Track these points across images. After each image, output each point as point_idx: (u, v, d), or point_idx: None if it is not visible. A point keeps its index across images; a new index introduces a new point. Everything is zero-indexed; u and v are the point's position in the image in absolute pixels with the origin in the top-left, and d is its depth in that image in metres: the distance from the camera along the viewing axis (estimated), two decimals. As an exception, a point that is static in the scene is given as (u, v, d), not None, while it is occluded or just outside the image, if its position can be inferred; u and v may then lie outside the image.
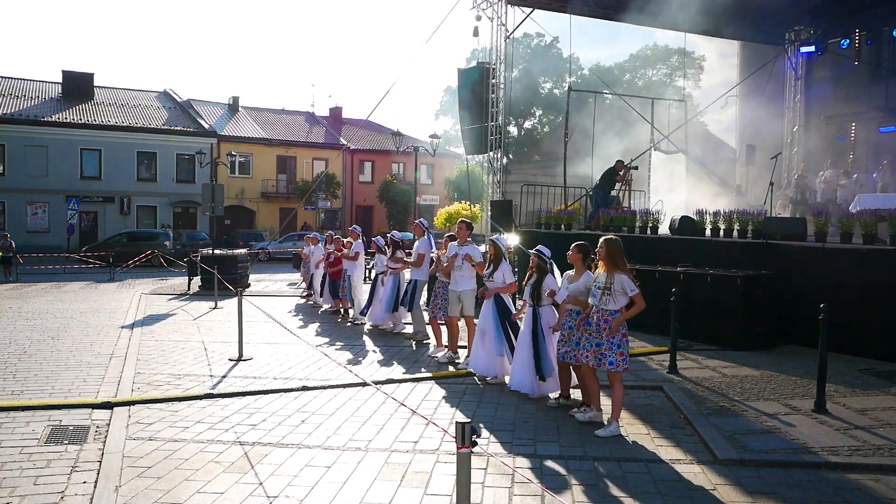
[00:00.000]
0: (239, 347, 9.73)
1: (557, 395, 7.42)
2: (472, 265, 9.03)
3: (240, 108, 47.58)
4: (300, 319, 13.78)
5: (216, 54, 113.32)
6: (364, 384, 7.96)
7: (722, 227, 12.69)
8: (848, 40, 18.15)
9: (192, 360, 9.67)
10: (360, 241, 13.45)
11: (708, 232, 12.96)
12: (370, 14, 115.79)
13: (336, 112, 51.61)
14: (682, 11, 15.15)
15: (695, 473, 5.42)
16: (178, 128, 41.41)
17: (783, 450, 5.87)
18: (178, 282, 21.53)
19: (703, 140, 27.99)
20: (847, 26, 17.89)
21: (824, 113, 18.97)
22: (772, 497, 4.98)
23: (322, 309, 15.03)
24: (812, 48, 18.99)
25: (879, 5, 16.56)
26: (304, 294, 17.37)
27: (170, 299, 17.17)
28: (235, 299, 10.04)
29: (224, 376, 8.63)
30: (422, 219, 11.94)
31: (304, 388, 8.02)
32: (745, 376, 8.54)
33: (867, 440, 6.08)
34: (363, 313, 12.68)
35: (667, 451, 5.92)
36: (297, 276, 22.30)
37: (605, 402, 6.80)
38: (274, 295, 18.39)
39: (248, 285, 19.56)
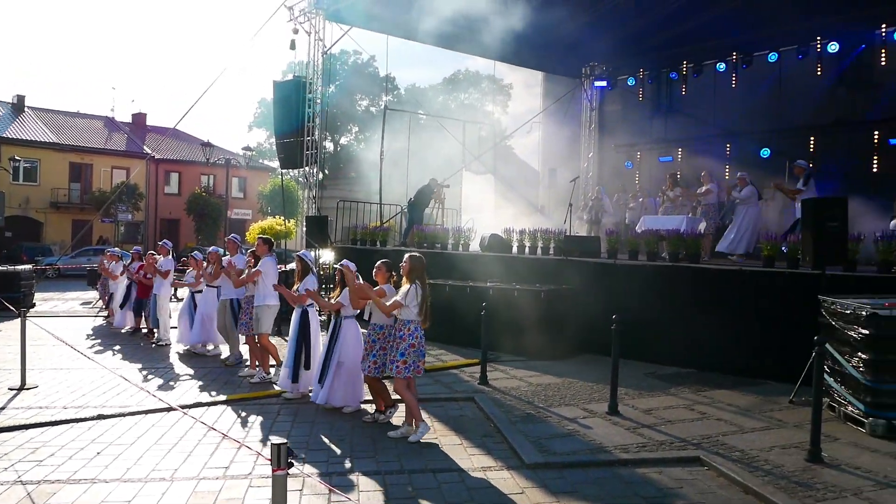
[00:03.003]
0: (21, 374, 8.73)
1: (374, 411, 7.47)
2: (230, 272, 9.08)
3: (26, 109, 42.91)
4: (97, 342, 12.65)
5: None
6: (170, 409, 7.49)
7: (527, 244, 13.53)
8: (634, 78, 20.19)
9: (-38, 390, 8.53)
10: (169, 257, 12.69)
11: (515, 249, 13.74)
12: (180, 17, 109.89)
13: (139, 118, 48.30)
14: (491, 41, 16.02)
15: (504, 479, 5.69)
16: (-53, 128, 36.55)
17: (583, 451, 6.34)
18: (-55, 302, 18.90)
19: (510, 162, 29.63)
20: (633, 66, 19.89)
21: (615, 142, 20.86)
22: (573, 496, 5.36)
23: (123, 329, 13.93)
24: (604, 83, 20.86)
25: (659, 50, 18.60)
26: (102, 314, 16.05)
27: (-67, 322, 15.01)
28: (17, 321, 9.03)
29: (2, 408, 7.70)
30: (234, 234, 11.51)
31: (100, 417, 7.37)
32: (549, 384, 9.12)
33: (652, 437, 6.75)
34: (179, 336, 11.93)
35: (479, 459, 6.16)
36: (91, 295, 20.49)
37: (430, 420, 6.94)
38: (64, 315, 16.75)
39: (34, 305, 17.64)
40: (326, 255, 16.74)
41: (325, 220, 17.11)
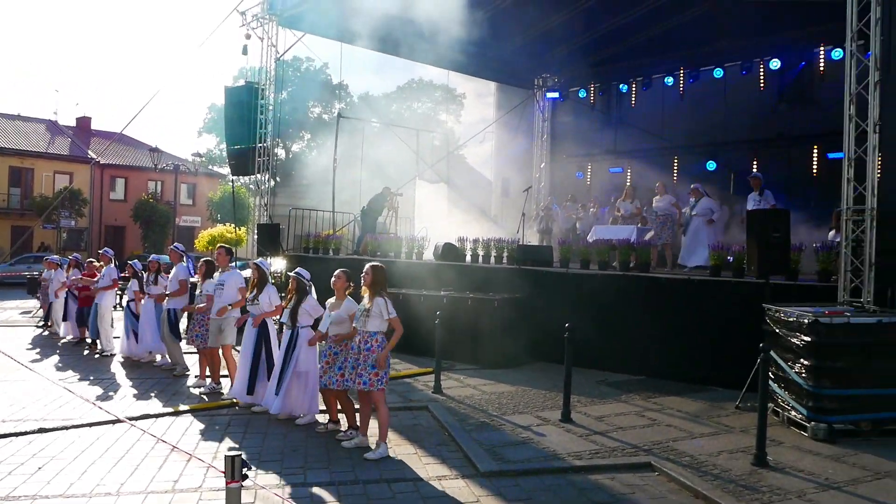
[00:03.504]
0: (-43, 387, 8.40)
1: (327, 421, 7.39)
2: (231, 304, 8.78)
3: (-38, 111, 41.39)
4: (37, 352, 12.22)
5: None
6: (116, 421, 7.29)
7: (481, 253, 13.61)
8: (585, 91, 20.54)
9: None
10: (111, 265, 12.36)
11: (468, 258, 13.80)
12: (128, 17, 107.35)
13: (84, 122, 46.91)
14: (444, 50, 16.13)
15: (459, 488, 5.69)
16: None
17: (536, 458, 6.39)
18: None
19: (463, 172, 29.74)
20: (584, 78, 20.23)
21: (566, 152, 21.14)
22: (527, 503, 5.39)
23: (63, 339, 13.50)
24: (556, 94, 21.15)
25: (609, 63, 19.02)
26: (41, 324, 15.52)
27: None
28: (-47, 331, 8.69)
29: (-64, 422, 7.38)
30: (177, 243, 11.30)
31: (42, 431, 7.11)
32: (503, 392, 9.17)
33: (604, 444, 6.84)
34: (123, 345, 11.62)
35: (434, 469, 6.15)
36: (32, 304, 19.81)
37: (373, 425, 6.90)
38: (3, 325, 16.14)
39: (-31, 315, 16.97)
40: (278, 264, 16.53)
41: (276, 227, 16.91)
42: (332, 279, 7.04)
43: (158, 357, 11.12)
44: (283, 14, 16.40)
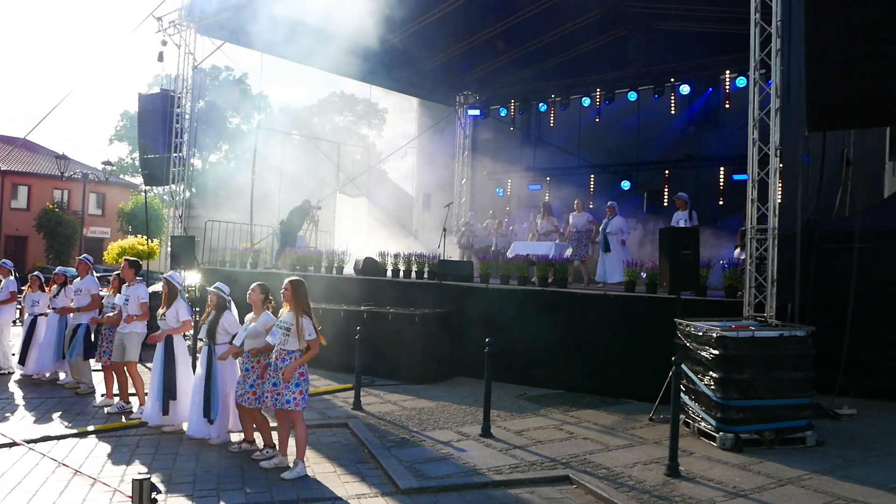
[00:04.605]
0: None
1: (241, 440, 7.16)
2: (136, 315, 8.43)
3: None
4: (-77, 371, 11.36)
5: None
6: (13, 444, 6.84)
7: (402, 268, 13.57)
8: (505, 109, 20.92)
9: None
10: (11, 278, 11.67)
11: (389, 273, 13.74)
12: (35, 16, 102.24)
13: (-19, 127, 44.38)
14: (365, 64, 16.12)
15: (379, 506, 5.62)
16: None
17: (457, 474, 6.38)
18: None
19: (384, 186, 29.71)
20: (505, 97, 20.63)
21: (487, 169, 21.45)
22: (447, 520, 5.37)
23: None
24: (477, 112, 21.44)
25: (529, 83, 19.48)
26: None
27: None
28: None
29: None
30: (86, 255, 10.81)
31: (-72, 456, 6.61)
32: (423, 408, 9.14)
33: (524, 458, 6.91)
34: (21, 363, 10.95)
35: (353, 487, 6.05)
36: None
37: (291, 444, 6.74)
38: None
39: None
40: (192, 277, 16.00)
41: (192, 240, 16.36)
42: (248, 293, 6.85)
43: (62, 375, 10.54)
44: (202, 21, 16.00)
